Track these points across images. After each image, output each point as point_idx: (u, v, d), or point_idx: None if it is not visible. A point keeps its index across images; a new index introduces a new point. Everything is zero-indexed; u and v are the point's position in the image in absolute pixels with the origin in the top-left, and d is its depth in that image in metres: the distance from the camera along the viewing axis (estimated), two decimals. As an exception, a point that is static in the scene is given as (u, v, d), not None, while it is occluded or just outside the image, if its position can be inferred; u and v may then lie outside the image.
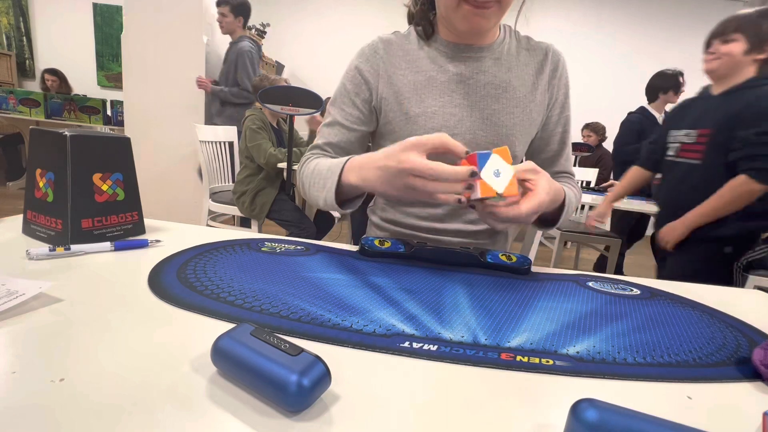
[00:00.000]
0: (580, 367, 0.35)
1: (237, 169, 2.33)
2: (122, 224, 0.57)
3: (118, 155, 0.56)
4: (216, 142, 2.42)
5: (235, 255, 0.55)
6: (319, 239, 2.02)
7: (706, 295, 0.58)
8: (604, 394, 0.31)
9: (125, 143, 0.57)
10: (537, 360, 0.36)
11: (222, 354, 0.28)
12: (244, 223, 2.39)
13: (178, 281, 0.45)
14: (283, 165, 2.09)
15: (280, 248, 0.60)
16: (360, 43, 0.75)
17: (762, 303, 0.58)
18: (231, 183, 2.45)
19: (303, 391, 0.25)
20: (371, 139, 0.80)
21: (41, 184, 0.53)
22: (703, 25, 4.52)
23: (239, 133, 2.41)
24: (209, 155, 2.36)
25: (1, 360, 0.29)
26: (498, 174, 0.47)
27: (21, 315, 0.35)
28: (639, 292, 0.57)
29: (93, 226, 0.54)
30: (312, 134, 2.49)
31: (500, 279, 0.56)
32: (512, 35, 0.74)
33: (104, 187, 0.55)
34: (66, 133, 0.50)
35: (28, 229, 0.56)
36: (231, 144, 2.55)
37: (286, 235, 2.23)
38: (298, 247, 0.62)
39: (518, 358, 0.36)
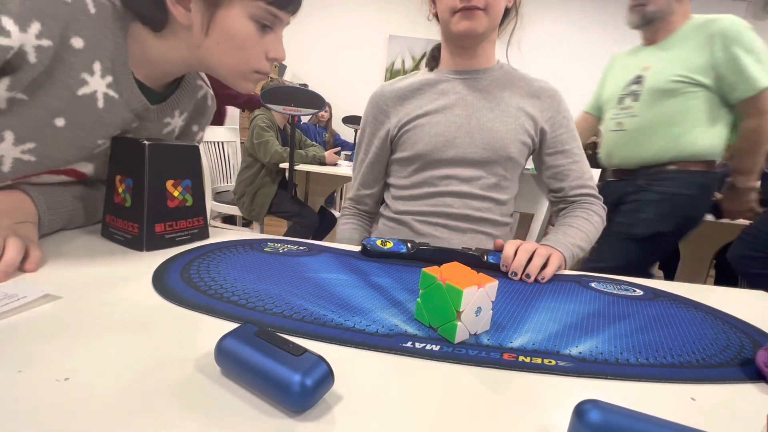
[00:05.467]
0: (582, 368, 0.35)
1: (238, 169, 2.33)
2: (189, 229, 0.59)
3: (188, 162, 0.57)
4: (217, 142, 2.42)
5: (239, 255, 0.55)
6: (321, 240, 2.02)
7: (710, 296, 0.58)
8: (607, 395, 0.31)
9: (194, 151, 0.58)
10: (539, 360, 0.36)
11: (226, 354, 0.28)
12: (247, 223, 2.39)
13: (182, 281, 0.45)
14: (285, 165, 2.09)
15: (283, 249, 0.60)
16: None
17: (766, 304, 0.58)
18: (233, 183, 2.46)
19: (306, 391, 0.25)
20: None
21: (120, 190, 0.55)
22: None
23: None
24: (210, 155, 2.36)
25: (6, 359, 0.29)
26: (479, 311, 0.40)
27: (26, 314, 0.35)
28: (642, 292, 0.57)
29: (165, 230, 0.56)
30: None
31: (502, 279, 0.56)
32: (509, 69, 0.85)
33: (176, 193, 0.56)
34: (144, 141, 0.52)
35: (107, 233, 0.58)
36: (232, 144, 2.55)
37: (288, 227, 2.24)
38: (301, 248, 0.62)
39: (521, 358, 0.36)
